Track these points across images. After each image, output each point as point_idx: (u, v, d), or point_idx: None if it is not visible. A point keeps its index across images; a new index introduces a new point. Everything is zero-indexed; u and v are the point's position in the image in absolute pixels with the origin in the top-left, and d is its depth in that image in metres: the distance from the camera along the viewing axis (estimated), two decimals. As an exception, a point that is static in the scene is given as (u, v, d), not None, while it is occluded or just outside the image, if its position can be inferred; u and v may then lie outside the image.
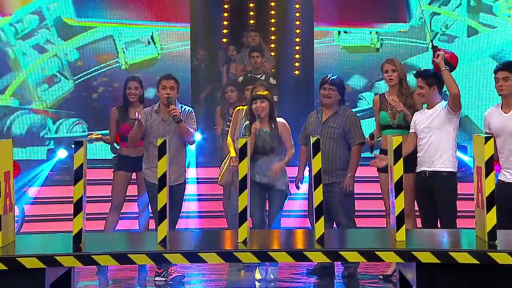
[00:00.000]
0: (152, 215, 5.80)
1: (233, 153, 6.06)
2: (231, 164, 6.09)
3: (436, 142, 5.27)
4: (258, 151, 5.64)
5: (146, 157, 5.67)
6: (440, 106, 5.34)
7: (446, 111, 5.28)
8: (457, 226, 5.28)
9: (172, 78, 5.68)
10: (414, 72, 5.56)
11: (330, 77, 5.82)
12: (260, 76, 7.69)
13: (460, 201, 5.37)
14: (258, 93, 5.72)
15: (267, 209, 5.78)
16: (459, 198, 5.40)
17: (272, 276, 5.63)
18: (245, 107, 6.20)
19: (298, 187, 5.92)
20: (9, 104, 9.12)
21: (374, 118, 5.87)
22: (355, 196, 5.83)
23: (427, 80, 5.32)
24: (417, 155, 5.35)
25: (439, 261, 3.41)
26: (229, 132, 6.23)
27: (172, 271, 5.59)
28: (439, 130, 5.28)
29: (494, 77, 5.02)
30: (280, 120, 5.76)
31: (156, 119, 5.61)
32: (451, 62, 5.38)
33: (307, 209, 5.87)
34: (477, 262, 3.40)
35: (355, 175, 5.76)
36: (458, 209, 5.35)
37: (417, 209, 5.50)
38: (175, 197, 5.47)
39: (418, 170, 5.35)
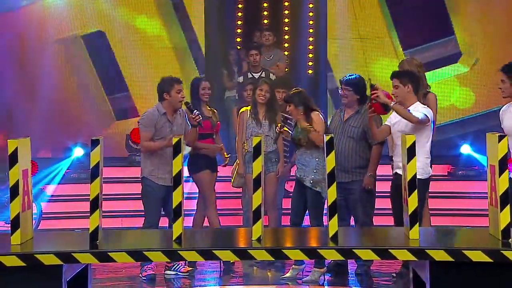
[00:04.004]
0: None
1: (239, 159, 6.19)
2: (238, 171, 6.16)
3: None
4: (295, 144, 5.73)
5: (148, 157, 5.63)
6: (414, 108, 5.24)
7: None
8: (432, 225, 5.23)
9: (181, 81, 5.75)
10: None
11: (346, 77, 5.85)
12: (260, 74, 7.70)
13: (473, 199, 5.36)
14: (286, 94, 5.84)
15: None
16: (474, 196, 5.39)
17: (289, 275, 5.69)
18: (249, 107, 6.27)
19: None
20: None
21: None
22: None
23: (401, 79, 5.28)
24: (393, 157, 5.36)
25: (452, 259, 3.42)
26: (237, 135, 6.29)
27: (182, 266, 5.66)
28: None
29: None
30: (315, 113, 5.70)
31: (164, 122, 5.65)
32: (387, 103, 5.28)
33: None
34: (491, 260, 3.41)
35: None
36: (470, 208, 5.32)
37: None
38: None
39: (394, 171, 5.36)
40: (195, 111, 5.69)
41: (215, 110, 6.29)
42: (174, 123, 5.69)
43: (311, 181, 5.63)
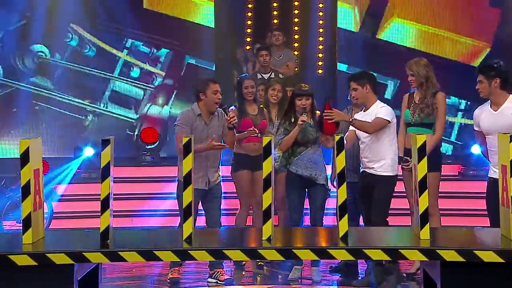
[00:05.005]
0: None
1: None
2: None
3: (374, 147, 5.27)
4: (299, 143, 5.67)
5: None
6: (375, 107, 5.31)
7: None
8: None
9: (217, 81, 5.65)
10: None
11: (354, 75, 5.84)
12: (270, 75, 7.70)
13: (484, 199, 5.32)
14: (303, 88, 5.74)
15: (307, 206, 5.78)
16: (485, 196, 5.37)
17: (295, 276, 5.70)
18: (261, 106, 6.28)
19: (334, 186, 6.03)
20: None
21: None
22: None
23: (358, 81, 5.31)
24: (360, 157, 5.38)
25: (463, 260, 3.40)
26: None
27: (221, 274, 5.64)
28: (375, 135, 5.26)
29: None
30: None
31: (199, 123, 5.54)
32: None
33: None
34: (502, 261, 3.39)
35: None
36: (481, 208, 5.31)
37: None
38: (217, 194, 5.59)
39: (361, 169, 5.40)
40: (230, 113, 5.58)
41: (264, 109, 6.20)
42: (210, 125, 5.54)
43: (326, 180, 5.67)
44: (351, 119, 5.27)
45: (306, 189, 5.73)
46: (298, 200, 5.70)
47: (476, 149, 8.28)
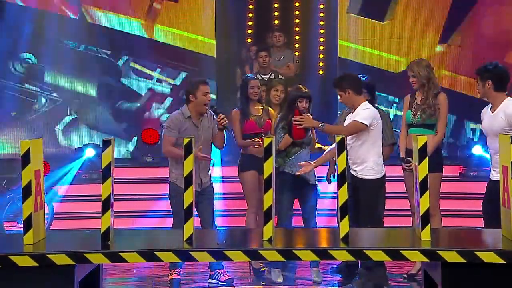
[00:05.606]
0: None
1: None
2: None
3: (356, 149, 5.28)
4: (295, 143, 5.69)
5: (176, 163, 5.47)
6: (359, 109, 5.30)
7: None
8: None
9: (208, 83, 5.63)
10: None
11: None
12: (270, 76, 7.68)
13: (471, 200, 5.33)
14: (304, 90, 5.77)
15: (297, 207, 5.78)
16: (474, 197, 5.39)
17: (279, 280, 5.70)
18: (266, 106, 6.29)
19: (329, 182, 6.06)
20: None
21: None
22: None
23: (339, 88, 5.34)
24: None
25: (464, 261, 3.41)
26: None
27: (222, 274, 5.63)
28: (357, 137, 5.27)
29: None
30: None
31: (189, 126, 5.52)
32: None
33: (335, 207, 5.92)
34: (503, 262, 3.39)
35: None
36: (474, 209, 5.31)
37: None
38: (210, 195, 5.61)
39: (350, 171, 5.37)
40: (221, 114, 5.56)
41: (270, 108, 6.11)
42: (200, 126, 5.54)
43: (316, 179, 5.69)
44: (320, 125, 5.31)
45: (298, 190, 5.74)
46: (289, 201, 5.70)
47: (477, 150, 8.28)
